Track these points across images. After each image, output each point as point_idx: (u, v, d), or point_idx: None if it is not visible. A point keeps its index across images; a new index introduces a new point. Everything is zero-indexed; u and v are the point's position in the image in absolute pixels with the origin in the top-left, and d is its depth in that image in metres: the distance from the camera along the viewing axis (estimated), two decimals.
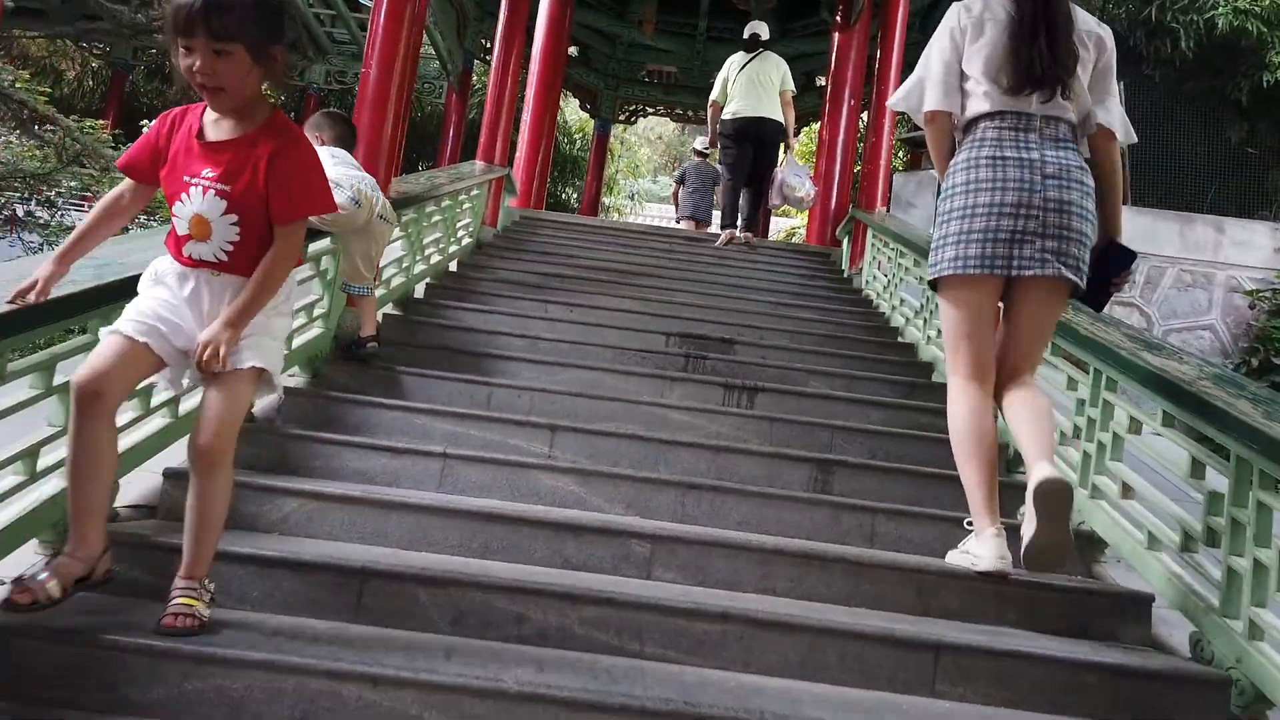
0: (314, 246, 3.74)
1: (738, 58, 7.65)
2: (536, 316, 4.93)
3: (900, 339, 5.56)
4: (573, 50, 14.15)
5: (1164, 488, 2.88)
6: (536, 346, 4.51)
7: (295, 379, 3.83)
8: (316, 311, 3.98)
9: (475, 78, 13.43)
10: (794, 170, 7.61)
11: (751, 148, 7.48)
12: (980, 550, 2.64)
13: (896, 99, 2.93)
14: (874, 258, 6.66)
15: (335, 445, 3.17)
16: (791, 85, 7.63)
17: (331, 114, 4.01)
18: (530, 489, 3.14)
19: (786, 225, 17.52)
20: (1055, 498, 2.40)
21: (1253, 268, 6.53)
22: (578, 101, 14.85)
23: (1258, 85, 7.59)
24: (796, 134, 8.07)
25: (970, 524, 2.73)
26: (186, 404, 2.89)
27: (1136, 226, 6.29)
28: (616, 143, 18.55)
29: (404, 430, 3.48)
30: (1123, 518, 2.98)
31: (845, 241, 7.95)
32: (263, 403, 3.46)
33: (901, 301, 5.91)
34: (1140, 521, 2.89)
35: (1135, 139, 2.88)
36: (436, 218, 6.05)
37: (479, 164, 7.50)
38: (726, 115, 7.52)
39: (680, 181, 11.27)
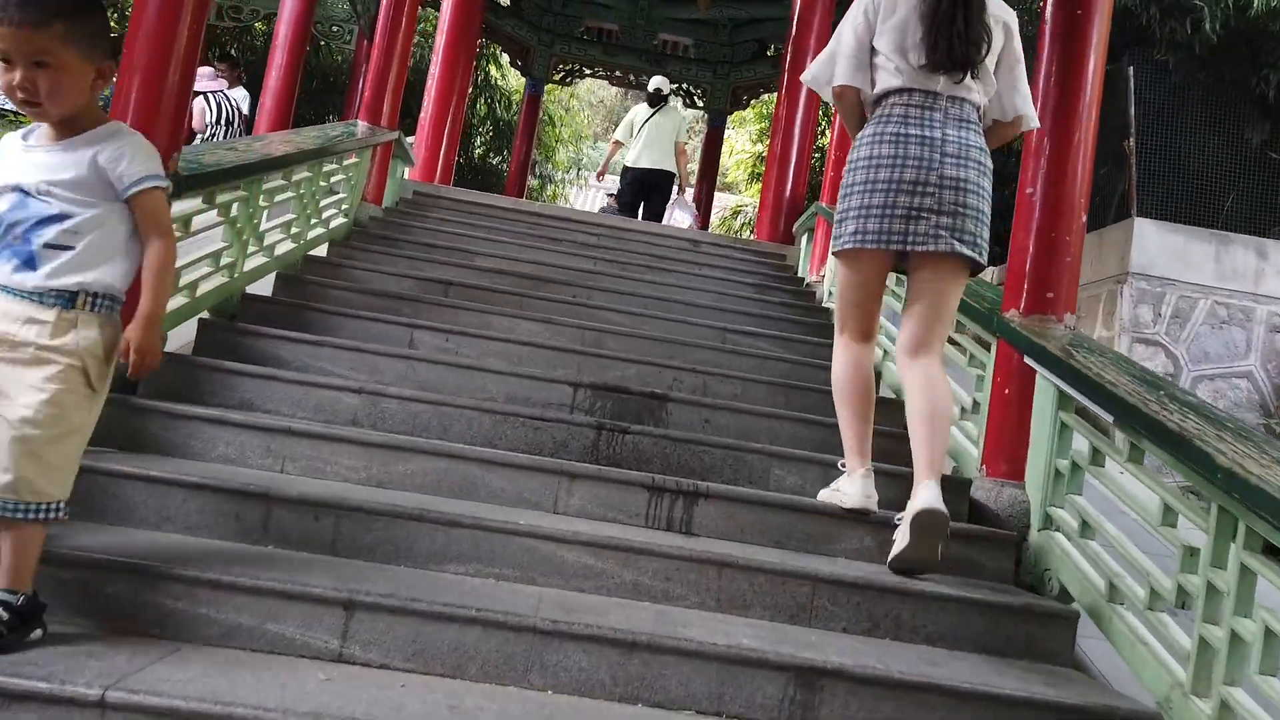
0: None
1: (643, 110, 8.68)
2: (392, 354, 3.41)
3: (890, 388, 4.20)
4: (505, 0, 12.45)
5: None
6: (377, 410, 3.02)
7: None
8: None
9: None
10: (681, 207, 8.94)
11: (647, 192, 8.66)
12: (849, 489, 2.79)
13: (809, 74, 2.92)
14: None
15: None
16: (684, 136, 8.76)
17: None
18: None
19: (733, 202, 16.08)
20: (930, 527, 2.46)
21: None
22: (508, 58, 13.15)
23: None
24: (747, 104, 10.54)
25: (843, 465, 2.87)
26: None
27: (1168, 246, 5.05)
28: (559, 109, 16.70)
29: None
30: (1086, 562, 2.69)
31: (804, 240, 6.55)
32: None
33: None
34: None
35: (1039, 126, 2.99)
36: (285, 195, 4.47)
37: (360, 125, 5.88)
38: (629, 162, 8.59)
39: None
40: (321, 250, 4.83)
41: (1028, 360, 3.22)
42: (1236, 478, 1.94)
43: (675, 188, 8.75)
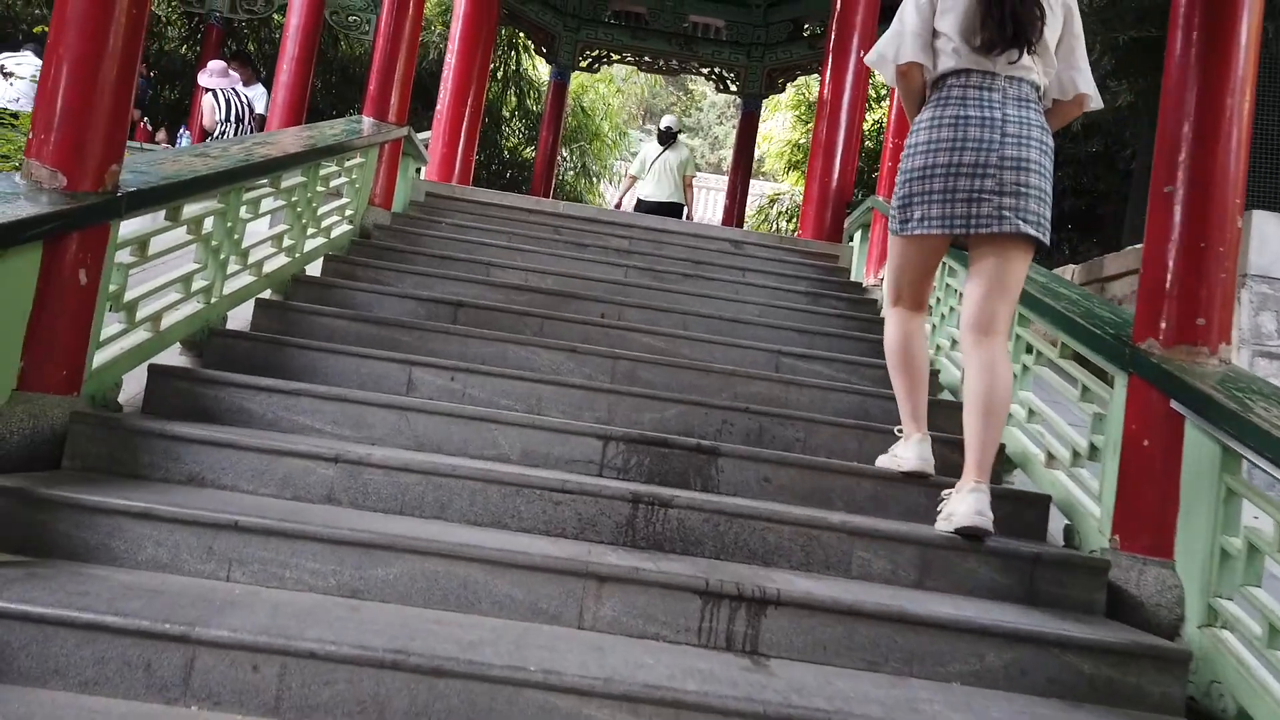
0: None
1: (653, 147, 9.12)
2: (384, 403, 2.77)
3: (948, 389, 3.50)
4: None
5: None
6: (358, 484, 2.38)
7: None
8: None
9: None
10: None
11: None
12: (906, 453, 2.81)
13: (874, 54, 2.82)
14: None
15: None
16: (694, 170, 9.18)
17: None
18: None
19: (769, 189, 15.27)
20: (973, 540, 2.46)
21: None
22: (532, 46, 12.47)
23: None
24: (783, 87, 11.45)
25: (899, 430, 2.90)
26: None
27: None
28: (598, 100, 15.76)
29: None
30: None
31: (858, 238, 5.84)
32: None
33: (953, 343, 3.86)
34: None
35: (1102, 105, 2.86)
36: (274, 204, 3.87)
37: (366, 121, 5.25)
38: (642, 195, 8.99)
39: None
40: (314, 268, 4.20)
41: (1175, 405, 2.52)
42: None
43: (685, 217, 9.14)
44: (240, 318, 3.60)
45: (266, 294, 3.87)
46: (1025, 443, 3.30)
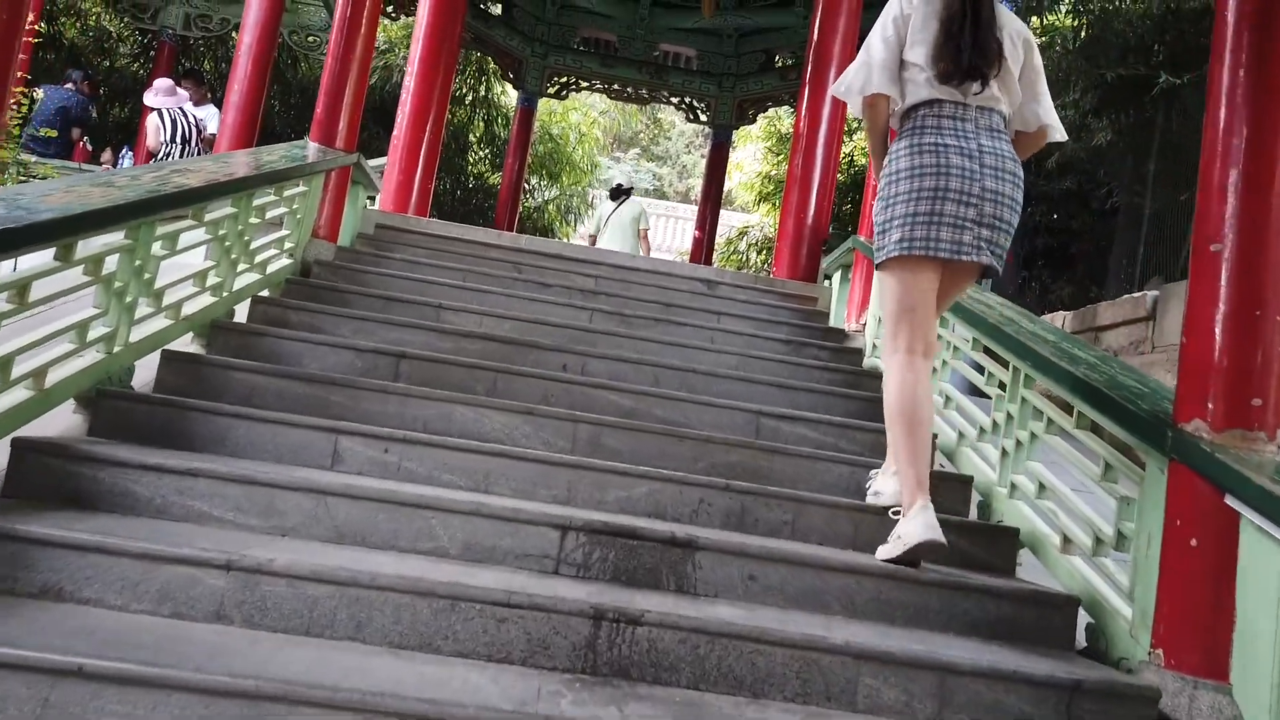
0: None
1: (609, 204, 9.49)
2: (299, 485, 2.30)
3: (990, 511, 3.11)
4: (495, 8, 11.37)
5: None
6: (255, 597, 1.90)
7: None
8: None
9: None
10: None
11: None
12: (910, 529, 2.46)
13: (842, 85, 2.79)
14: None
15: None
16: (646, 223, 9.40)
17: None
18: None
19: (739, 220, 14.94)
20: (931, 556, 2.43)
21: None
22: (496, 69, 12.08)
23: None
24: (754, 118, 11.71)
25: (895, 512, 2.63)
26: None
27: None
28: (565, 129, 15.18)
29: None
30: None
31: (837, 279, 5.46)
32: None
33: (981, 435, 3.47)
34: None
35: (1065, 137, 2.86)
36: (200, 236, 3.41)
37: (311, 147, 4.79)
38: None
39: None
40: (241, 309, 3.72)
41: (1231, 501, 2.13)
42: None
43: None
44: (151, 367, 3.12)
45: (187, 339, 3.39)
46: (1035, 522, 2.90)
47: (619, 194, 9.57)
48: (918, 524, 2.43)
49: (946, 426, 3.63)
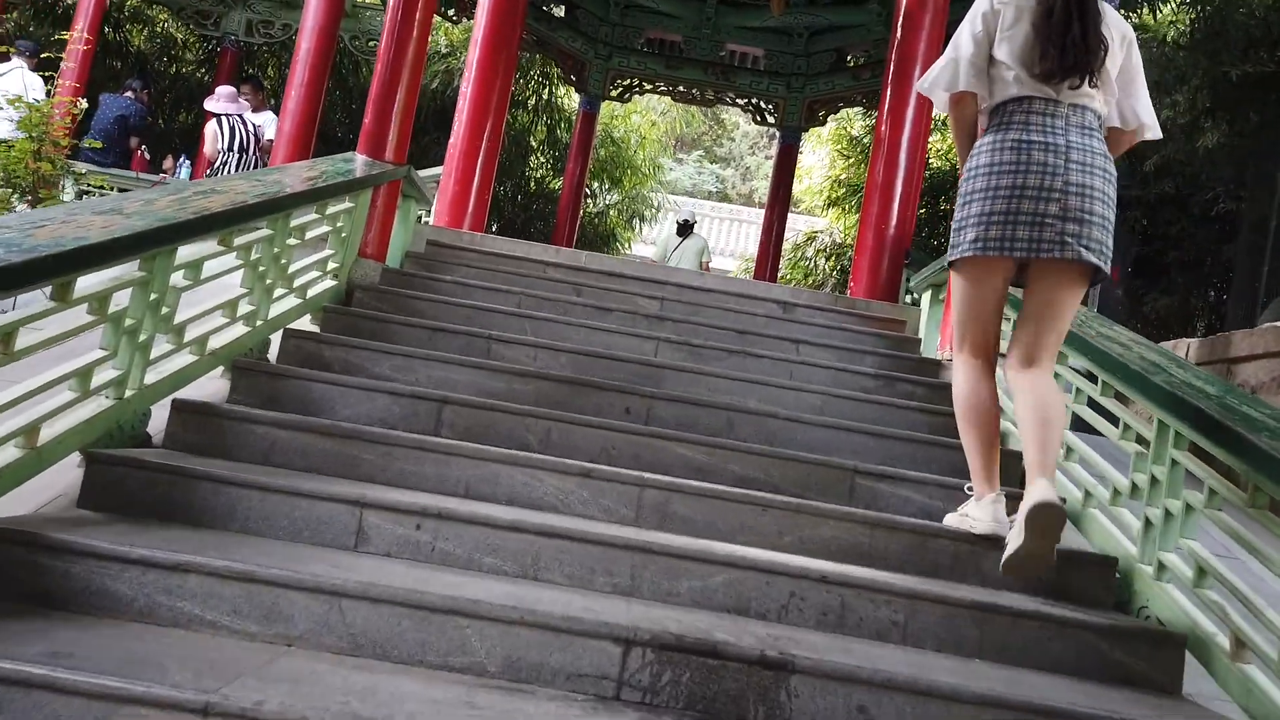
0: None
1: (674, 239, 9.93)
2: (308, 584, 1.87)
3: (1131, 595, 2.58)
4: (558, 10, 10.98)
5: None
6: None
7: None
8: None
9: (430, 37, 10.27)
10: None
11: None
12: (979, 514, 2.60)
13: (927, 81, 2.72)
14: None
15: None
16: (709, 256, 9.85)
17: None
18: None
19: (804, 225, 14.32)
20: (1046, 521, 2.28)
21: None
22: (559, 73, 11.70)
23: None
24: (824, 120, 11.19)
25: (970, 489, 2.68)
26: None
27: None
28: (627, 131, 14.56)
29: None
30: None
31: (927, 300, 4.91)
32: None
33: (1116, 499, 2.94)
34: None
35: (1160, 135, 2.78)
36: (226, 262, 3.06)
37: (358, 160, 4.42)
38: None
39: None
40: (274, 345, 3.35)
41: None
42: None
43: None
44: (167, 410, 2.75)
45: (213, 376, 3.04)
46: (1196, 617, 2.36)
47: (685, 229, 9.90)
48: (987, 513, 2.54)
49: (1070, 484, 3.08)
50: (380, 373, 3.17)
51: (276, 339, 3.39)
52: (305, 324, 3.77)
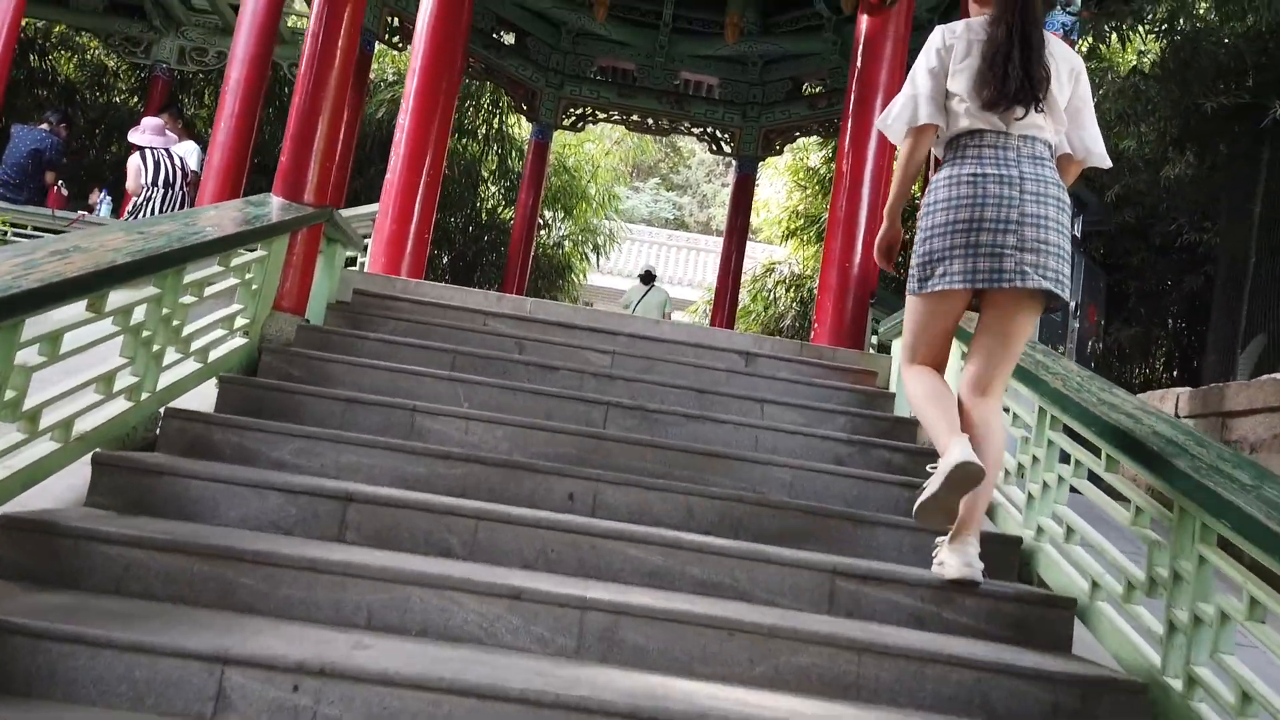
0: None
1: (638, 289, 10.20)
2: None
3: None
4: (508, 37, 10.57)
5: None
6: None
7: None
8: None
9: (377, 65, 9.79)
10: None
11: None
12: (946, 554, 2.54)
13: (889, 118, 2.72)
14: None
15: None
16: (670, 308, 9.91)
17: None
18: None
19: (764, 254, 13.99)
20: (964, 481, 2.37)
21: None
22: (510, 102, 11.27)
23: None
24: (780, 149, 10.95)
25: (939, 540, 2.66)
26: None
27: None
28: (580, 160, 14.12)
29: None
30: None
31: (897, 349, 4.53)
32: None
33: (1131, 593, 2.55)
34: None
35: (1110, 164, 2.81)
36: (104, 329, 2.56)
37: (274, 202, 3.93)
38: None
39: None
40: (193, 400, 2.84)
41: None
42: None
43: None
44: (28, 503, 2.23)
45: (73, 470, 2.52)
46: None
47: (648, 280, 10.14)
48: (955, 557, 2.49)
49: (1076, 574, 2.68)
50: (280, 459, 2.68)
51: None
52: (208, 391, 3.27)
